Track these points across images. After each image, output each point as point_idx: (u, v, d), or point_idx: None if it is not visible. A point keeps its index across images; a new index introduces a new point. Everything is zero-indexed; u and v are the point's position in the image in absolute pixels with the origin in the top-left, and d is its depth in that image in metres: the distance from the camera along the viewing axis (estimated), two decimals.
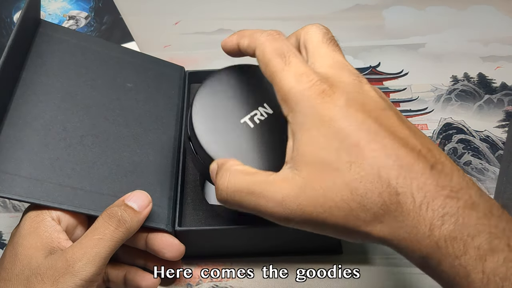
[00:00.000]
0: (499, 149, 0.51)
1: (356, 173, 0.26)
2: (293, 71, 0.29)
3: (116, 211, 0.36)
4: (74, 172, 0.39)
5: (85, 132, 0.41)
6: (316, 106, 0.28)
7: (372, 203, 0.26)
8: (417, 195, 0.25)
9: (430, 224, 0.25)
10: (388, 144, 0.27)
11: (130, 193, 0.38)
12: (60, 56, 0.44)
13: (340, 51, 0.32)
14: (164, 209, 0.41)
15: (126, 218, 0.36)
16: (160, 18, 0.65)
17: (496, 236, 0.25)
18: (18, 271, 0.34)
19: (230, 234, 0.41)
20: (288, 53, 0.30)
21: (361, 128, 0.27)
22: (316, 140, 0.28)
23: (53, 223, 0.36)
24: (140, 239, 0.39)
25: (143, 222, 0.37)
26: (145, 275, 0.40)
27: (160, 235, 0.39)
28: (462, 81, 0.57)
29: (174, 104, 0.48)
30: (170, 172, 0.43)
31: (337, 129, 0.27)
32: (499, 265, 0.24)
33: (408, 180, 0.26)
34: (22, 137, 0.39)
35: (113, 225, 0.35)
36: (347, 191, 0.26)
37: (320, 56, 0.31)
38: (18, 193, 0.36)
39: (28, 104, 0.40)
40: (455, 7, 0.65)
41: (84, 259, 0.33)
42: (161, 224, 0.39)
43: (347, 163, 0.27)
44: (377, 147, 0.27)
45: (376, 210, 0.26)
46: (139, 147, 0.43)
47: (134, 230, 0.37)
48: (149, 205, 0.37)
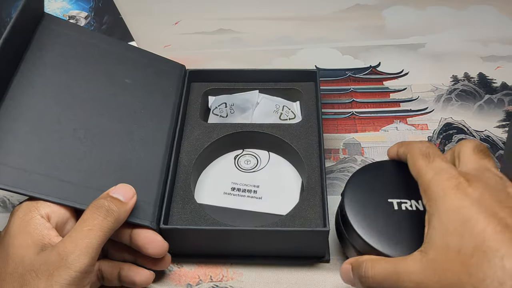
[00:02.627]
0: (500, 149, 0.51)
1: (479, 259, 0.28)
2: (435, 166, 0.34)
3: (103, 202, 0.36)
4: (63, 165, 0.39)
5: (79, 126, 0.41)
6: (449, 195, 0.31)
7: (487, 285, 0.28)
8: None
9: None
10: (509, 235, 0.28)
11: (114, 186, 0.38)
12: (60, 50, 0.44)
13: (490, 160, 0.35)
14: (150, 206, 0.41)
15: (113, 208, 0.36)
16: (160, 18, 0.65)
17: None
18: (11, 270, 0.34)
19: (217, 235, 0.41)
20: (433, 155, 0.35)
21: (490, 218, 0.29)
22: (445, 226, 0.31)
23: (42, 220, 0.36)
24: (125, 234, 0.39)
25: (130, 212, 0.38)
26: (139, 270, 0.40)
27: (144, 231, 0.39)
28: (462, 81, 0.57)
29: (171, 102, 0.48)
30: (160, 170, 0.43)
31: (465, 216, 0.30)
32: None
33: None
34: (15, 128, 0.39)
35: (102, 215, 0.35)
36: (466, 274, 0.29)
37: (468, 162, 0.35)
38: (5, 182, 0.36)
39: (24, 95, 0.40)
40: (455, 7, 0.65)
41: (77, 251, 0.33)
42: (145, 221, 0.40)
43: (471, 249, 0.29)
44: (503, 238, 0.28)
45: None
46: (131, 143, 0.43)
47: (122, 220, 0.37)
48: (134, 197, 0.38)
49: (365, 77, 0.59)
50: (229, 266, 0.44)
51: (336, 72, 0.59)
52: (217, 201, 0.46)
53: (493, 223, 0.29)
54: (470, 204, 0.30)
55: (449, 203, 0.31)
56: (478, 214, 0.30)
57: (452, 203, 0.31)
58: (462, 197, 0.31)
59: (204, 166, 0.48)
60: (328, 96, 0.57)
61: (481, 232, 0.29)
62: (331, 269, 0.43)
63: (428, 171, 0.34)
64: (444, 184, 0.32)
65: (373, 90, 0.57)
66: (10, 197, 0.49)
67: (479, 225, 0.29)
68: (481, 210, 0.30)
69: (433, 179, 0.33)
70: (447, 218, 0.31)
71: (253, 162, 0.48)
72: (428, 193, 0.33)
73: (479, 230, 0.29)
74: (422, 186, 0.34)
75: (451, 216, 0.31)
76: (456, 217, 0.30)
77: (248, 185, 0.47)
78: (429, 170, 0.34)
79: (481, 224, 0.29)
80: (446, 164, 0.34)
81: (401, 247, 0.36)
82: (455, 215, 0.30)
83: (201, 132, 0.48)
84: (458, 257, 0.29)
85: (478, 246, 0.29)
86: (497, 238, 0.29)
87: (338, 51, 0.61)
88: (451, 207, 0.31)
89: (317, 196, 0.43)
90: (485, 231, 0.29)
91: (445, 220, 0.31)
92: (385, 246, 0.37)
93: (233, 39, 0.63)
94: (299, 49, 0.62)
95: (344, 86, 0.58)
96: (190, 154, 0.46)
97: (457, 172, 0.33)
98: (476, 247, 0.29)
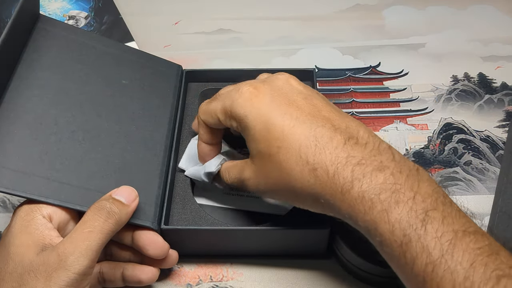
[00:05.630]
0: (500, 149, 0.51)
1: (283, 155, 0.33)
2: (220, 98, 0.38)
3: (104, 204, 0.36)
4: (63, 167, 0.39)
5: (77, 128, 0.41)
6: (247, 108, 0.35)
7: (298, 179, 0.32)
8: (330, 167, 0.31)
9: (341, 189, 0.30)
10: (308, 126, 0.33)
11: (116, 188, 0.38)
12: (57, 51, 0.44)
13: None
14: (151, 207, 0.41)
15: (115, 210, 0.36)
16: (160, 18, 0.65)
17: (400, 191, 0.29)
18: (11, 269, 0.34)
19: (217, 234, 0.41)
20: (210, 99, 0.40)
21: (284, 116, 0.33)
22: (255, 137, 0.34)
23: (44, 220, 0.36)
24: (127, 235, 0.40)
25: (131, 215, 0.38)
26: (144, 268, 0.40)
27: (146, 232, 0.39)
28: (462, 81, 0.57)
29: (169, 102, 0.48)
30: (159, 171, 0.43)
31: (266, 122, 0.34)
32: (403, 215, 0.28)
33: (323, 156, 0.31)
34: (13, 130, 0.39)
35: (103, 217, 0.35)
36: (278, 171, 0.33)
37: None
38: (5, 185, 0.36)
39: (21, 97, 0.40)
40: (455, 7, 0.65)
41: (76, 253, 0.33)
42: (147, 222, 0.40)
43: (276, 148, 0.33)
44: (298, 130, 0.33)
45: (301, 185, 0.32)
46: (130, 144, 0.43)
47: (123, 222, 0.37)
48: (136, 199, 0.38)
49: (365, 77, 0.59)
50: (229, 266, 0.44)
51: (336, 72, 0.59)
52: (216, 201, 0.46)
53: (288, 120, 0.33)
54: (265, 109, 0.34)
55: (250, 116, 0.34)
56: (275, 118, 0.33)
57: (252, 115, 0.34)
58: (258, 105, 0.34)
59: None
60: (328, 96, 0.56)
61: (280, 132, 0.33)
62: (331, 268, 0.43)
63: (217, 104, 0.37)
64: (239, 102, 0.35)
65: (373, 90, 0.57)
66: (10, 197, 0.49)
67: (277, 127, 0.33)
68: (276, 113, 0.34)
69: (231, 105, 0.36)
70: (253, 129, 0.34)
71: None
72: (233, 116, 0.36)
73: (278, 130, 0.33)
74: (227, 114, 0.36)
75: (255, 126, 0.34)
76: (260, 126, 0.34)
77: None
78: (217, 103, 0.37)
79: (279, 125, 0.33)
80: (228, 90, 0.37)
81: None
82: (259, 124, 0.34)
83: None
84: (271, 160, 0.33)
85: (281, 146, 0.33)
86: (293, 131, 0.33)
87: (338, 51, 0.61)
88: (253, 117, 0.34)
89: None
90: (283, 129, 0.33)
91: (252, 131, 0.34)
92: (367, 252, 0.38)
93: (233, 39, 0.63)
94: (299, 49, 0.61)
95: (344, 86, 0.58)
96: None
97: (248, 85, 0.36)
98: (279, 147, 0.33)
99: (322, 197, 0.32)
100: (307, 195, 0.33)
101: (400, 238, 0.28)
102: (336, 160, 0.31)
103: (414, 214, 0.28)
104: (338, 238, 0.40)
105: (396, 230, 0.28)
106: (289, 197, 0.35)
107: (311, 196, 0.32)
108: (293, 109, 0.34)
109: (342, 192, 0.30)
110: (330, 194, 0.31)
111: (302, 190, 0.33)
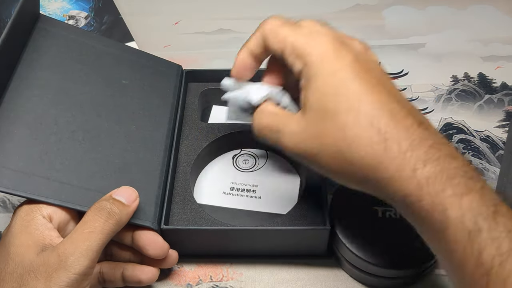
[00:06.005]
0: (500, 149, 0.51)
1: (353, 117, 0.30)
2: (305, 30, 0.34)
3: (105, 204, 0.36)
4: (63, 167, 0.39)
5: (77, 128, 0.41)
6: (327, 57, 0.32)
7: (363, 146, 0.30)
8: (404, 143, 0.29)
9: (413, 167, 0.29)
10: (385, 99, 0.31)
11: (117, 188, 0.38)
12: (57, 51, 0.44)
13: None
14: (151, 207, 0.41)
15: (115, 210, 0.36)
16: (160, 18, 0.65)
17: (473, 179, 0.28)
18: (11, 269, 0.34)
19: (217, 234, 0.41)
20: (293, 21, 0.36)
21: (362, 81, 0.31)
22: (322, 89, 0.31)
23: (44, 220, 0.36)
24: (127, 235, 0.39)
25: (132, 215, 0.38)
26: (144, 268, 0.40)
27: (145, 232, 0.39)
28: (462, 81, 0.57)
29: (168, 102, 0.48)
30: (159, 171, 0.43)
31: (343, 79, 0.31)
32: (474, 204, 0.27)
33: (397, 130, 0.30)
34: (13, 130, 0.39)
35: (103, 218, 0.35)
36: (341, 133, 0.30)
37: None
38: (5, 185, 0.36)
39: (21, 97, 0.40)
40: (455, 7, 0.65)
41: (76, 253, 0.33)
42: (147, 222, 0.40)
43: (346, 109, 0.30)
44: (376, 98, 0.30)
45: (364, 153, 0.30)
46: (130, 144, 0.43)
47: (124, 222, 0.37)
48: (137, 200, 0.38)
49: None
50: (229, 266, 0.44)
51: None
52: (216, 201, 0.46)
53: (365, 85, 0.31)
54: (345, 66, 0.31)
55: (327, 66, 0.32)
56: (354, 79, 0.31)
57: (330, 66, 0.32)
58: (339, 61, 0.32)
59: (202, 166, 0.48)
60: None
61: (357, 94, 0.31)
62: (331, 268, 0.43)
63: (299, 37, 0.33)
64: (321, 48, 0.32)
65: None
66: (10, 197, 0.49)
67: (354, 87, 0.31)
68: (355, 75, 0.31)
69: (308, 43, 0.33)
70: (323, 81, 0.31)
71: (251, 162, 0.49)
72: (303, 57, 0.32)
73: (356, 90, 0.31)
74: (296, 51, 0.33)
75: (328, 79, 0.31)
76: (332, 80, 0.31)
77: (247, 184, 0.47)
78: (299, 36, 0.33)
79: (356, 86, 0.31)
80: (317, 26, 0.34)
81: (385, 254, 0.38)
82: (332, 78, 0.31)
83: (199, 132, 0.48)
84: (335, 120, 0.31)
85: (352, 107, 0.30)
86: (371, 99, 0.30)
87: None
88: (329, 70, 0.31)
89: (316, 195, 0.43)
90: (360, 92, 0.31)
91: (322, 83, 0.31)
92: (368, 252, 0.39)
93: (233, 39, 0.63)
94: None
95: None
96: (188, 155, 0.46)
97: (332, 35, 0.33)
98: (350, 108, 0.30)
99: (383, 170, 0.29)
100: (363, 166, 0.30)
101: (469, 226, 0.27)
102: (410, 137, 0.29)
103: (485, 204, 0.27)
104: (338, 238, 0.40)
105: (466, 217, 0.27)
106: (337, 166, 0.31)
107: (368, 167, 0.30)
108: (372, 77, 0.32)
109: (414, 169, 0.29)
110: (396, 170, 0.29)
111: (362, 159, 0.30)
